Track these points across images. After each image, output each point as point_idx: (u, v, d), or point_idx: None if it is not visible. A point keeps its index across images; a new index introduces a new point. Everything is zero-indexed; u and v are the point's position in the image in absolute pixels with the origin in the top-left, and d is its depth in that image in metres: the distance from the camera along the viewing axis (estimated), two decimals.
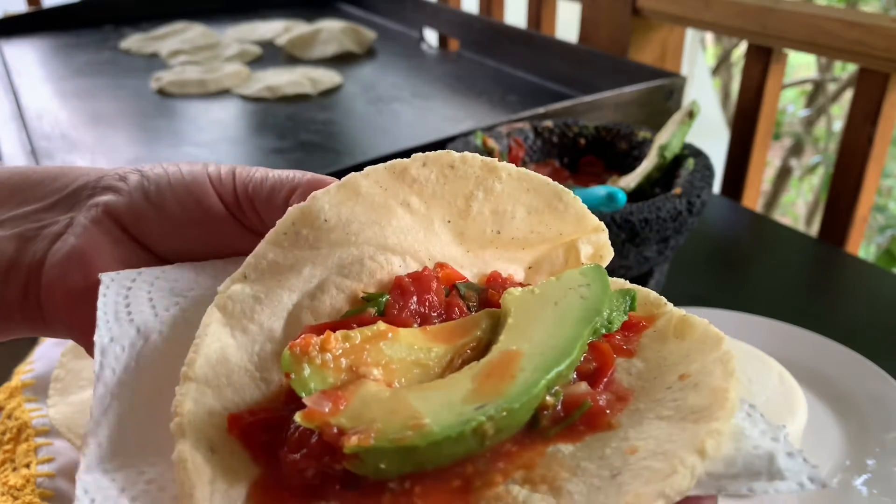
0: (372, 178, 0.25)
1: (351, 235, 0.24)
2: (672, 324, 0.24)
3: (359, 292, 0.24)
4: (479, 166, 0.26)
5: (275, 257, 0.24)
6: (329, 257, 0.24)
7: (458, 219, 0.26)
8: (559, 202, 0.27)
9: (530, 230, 0.27)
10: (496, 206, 0.26)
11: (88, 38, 1.30)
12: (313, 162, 0.77)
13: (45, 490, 0.41)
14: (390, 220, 0.25)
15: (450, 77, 1.08)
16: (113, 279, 0.25)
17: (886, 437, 0.45)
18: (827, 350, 0.52)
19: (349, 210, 0.24)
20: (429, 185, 0.25)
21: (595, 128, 0.65)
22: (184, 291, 0.25)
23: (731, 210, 0.81)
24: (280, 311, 0.24)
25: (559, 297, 0.24)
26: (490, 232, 0.26)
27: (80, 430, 0.37)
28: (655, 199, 0.51)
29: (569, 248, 0.27)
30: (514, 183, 0.26)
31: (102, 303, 0.24)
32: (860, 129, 0.72)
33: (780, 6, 0.76)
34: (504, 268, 0.27)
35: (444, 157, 0.25)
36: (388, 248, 0.25)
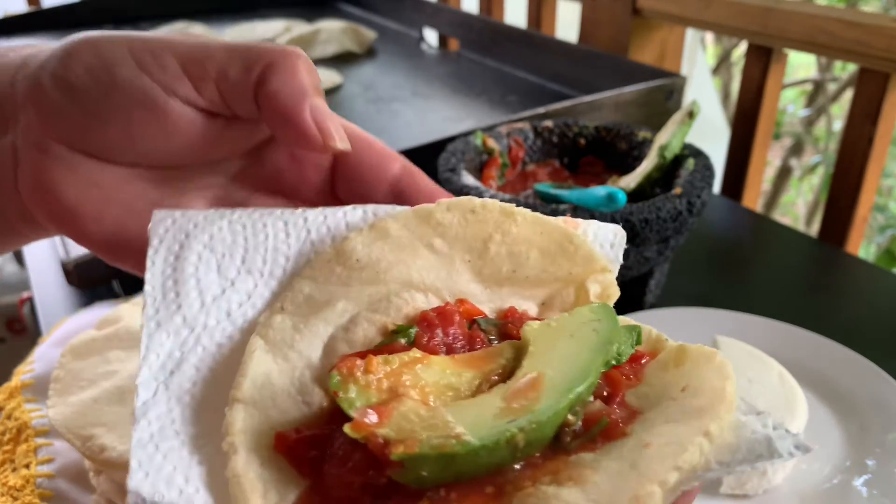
0: (401, 221, 0.27)
1: (380, 273, 0.27)
2: (672, 354, 0.26)
3: (388, 325, 0.26)
4: (497, 211, 0.28)
5: (310, 292, 0.26)
6: (360, 294, 0.26)
7: (477, 259, 0.28)
8: (570, 244, 0.29)
9: (543, 270, 0.29)
10: (512, 248, 0.28)
11: None
12: None
13: (45, 490, 0.41)
14: (415, 259, 0.27)
15: (450, 77, 1.08)
16: (167, 230, 0.26)
17: (886, 438, 0.45)
18: (827, 350, 0.52)
19: (379, 250, 0.27)
20: (451, 228, 0.28)
21: (595, 128, 0.65)
22: (230, 274, 0.26)
23: (731, 210, 0.81)
24: (317, 341, 0.25)
25: (574, 329, 0.26)
26: (506, 271, 0.28)
27: (80, 430, 0.37)
28: (655, 199, 0.51)
29: (578, 287, 0.30)
30: (528, 226, 0.28)
31: (150, 269, 0.25)
32: (860, 129, 0.72)
33: (780, 6, 0.76)
34: (519, 304, 0.29)
35: (465, 203, 0.28)
36: (412, 285, 0.27)
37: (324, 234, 0.27)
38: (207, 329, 0.25)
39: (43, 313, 0.60)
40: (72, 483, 0.42)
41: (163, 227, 0.26)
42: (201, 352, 0.25)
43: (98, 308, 0.56)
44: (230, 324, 0.26)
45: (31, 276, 0.66)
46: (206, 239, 0.26)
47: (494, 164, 0.62)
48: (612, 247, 0.31)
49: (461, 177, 0.56)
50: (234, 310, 0.26)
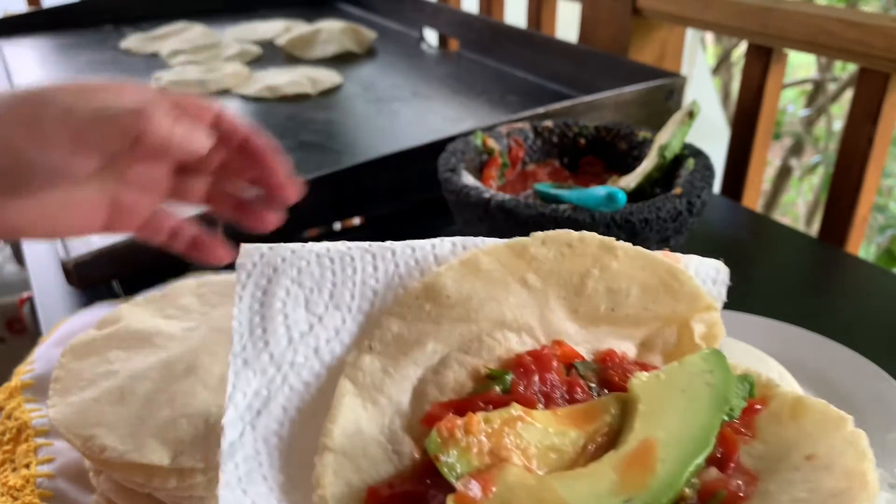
0: (493, 256, 0.26)
1: (471, 312, 0.25)
2: (787, 405, 0.24)
3: (480, 368, 0.25)
4: (596, 245, 0.27)
5: (399, 330, 0.25)
6: (451, 333, 0.25)
7: (574, 296, 0.27)
8: (674, 281, 0.27)
9: (644, 308, 0.27)
10: (611, 284, 0.27)
11: (88, 38, 1.30)
12: (313, 162, 0.77)
13: (45, 490, 0.41)
14: (507, 296, 0.26)
15: (450, 77, 1.08)
16: (255, 264, 0.25)
17: (886, 438, 0.45)
18: (827, 350, 0.52)
19: (470, 286, 0.26)
20: (546, 263, 0.26)
21: (595, 128, 0.65)
22: (318, 309, 0.26)
23: (731, 210, 0.81)
24: (406, 385, 0.25)
25: (685, 383, 0.24)
26: (604, 309, 0.27)
27: (81, 430, 0.37)
28: (655, 199, 0.51)
29: (682, 326, 0.28)
30: (629, 261, 0.27)
31: (238, 305, 0.25)
32: (860, 129, 0.72)
33: (780, 6, 0.76)
34: (616, 344, 0.27)
35: (563, 236, 0.27)
36: (505, 324, 0.26)
37: (412, 268, 0.27)
38: (295, 367, 0.25)
39: (43, 313, 0.60)
40: (72, 483, 0.42)
41: (250, 261, 0.25)
42: (288, 391, 0.24)
43: (98, 308, 0.56)
44: (318, 361, 0.25)
45: (31, 276, 0.66)
46: (294, 273, 0.25)
47: (494, 164, 0.62)
48: (714, 283, 0.29)
49: (461, 177, 0.56)
50: (322, 346, 0.25)
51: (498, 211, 0.51)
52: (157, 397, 0.38)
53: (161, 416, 0.37)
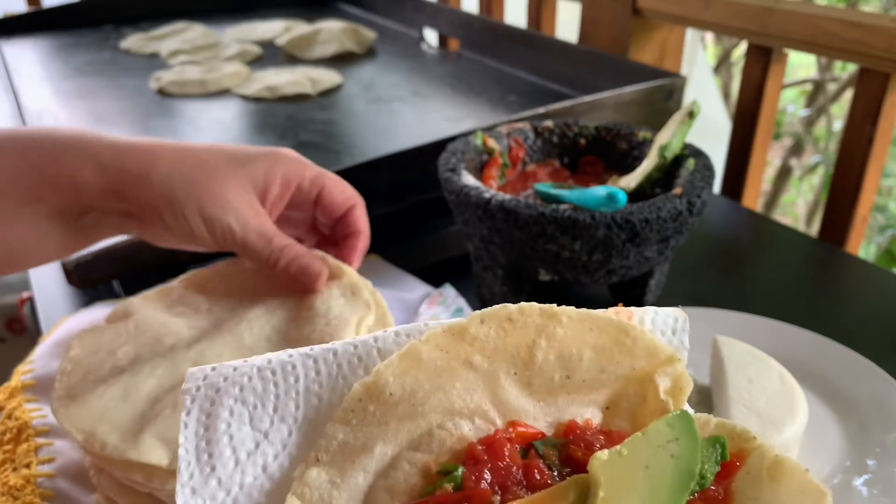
0: (432, 343, 0.25)
1: (417, 406, 0.24)
2: (765, 465, 0.23)
3: (431, 465, 0.24)
4: (537, 315, 0.26)
5: (345, 437, 0.24)
6: (398, 432, 0.24)
7: (524, 369, 0.26)
8: (626, 337, 0.26)
9: (601, 370, 0.26)
10: (561, 351, 0.26)
11: (88, 38, 1.30)
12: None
13: (46, 490, 0.41)
14: (454, 382, 0.25)
15: (450, 77, 1.08)
16: (199, 388, 0.25)
17: (886, 438, 0.45)
18: (827, 350, 0.52)
19: (412, 379, 0.24)
20: (489, 341, 0.25)
21: (595, 128, 0.65)
22: (263, 425, 0.25)
23: (731, 210, 0.81)
24: (356, 494, 0.24)
25: (648, 458, 0.23)
26: (559, 378, 0.26)
27: (83, 425, 0.37)
28: (655, 199, 0.51)
29: (644, 383, 0.27)
30: (575, 325, 0.26)
31: (184, 432, 0.24)
32: (860, 129, 0.72)
33: (780, 6, 0.76)
34: (580, 412, 0.26)
35: (500, 311, 0.26)
36: (455, 412, 0.25)
37: (356, 366, 0.26)
38: (244, 488, 0.24)
39: (43, 313, 0.60)
40: (72, 483, 0.42)
41: (194, 385, 0.25)
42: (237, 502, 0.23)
43: (98, 308, 0.56)
44: (267, 479, 0.24)
45: (31, 276, 0.66)
46: (236, 392, 0.25)
47: (494, 164, 0.62)
48: (674, 333, 0.28)
49: (461, 177, 0.56)
50: (270, 463, 0.24)
51: (498, 211, 0.51)
52: (159, 396, 0.38)
53: (163, 415, 0.37)
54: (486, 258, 0.58)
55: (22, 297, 1.00)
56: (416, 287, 0.60)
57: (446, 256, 0.70)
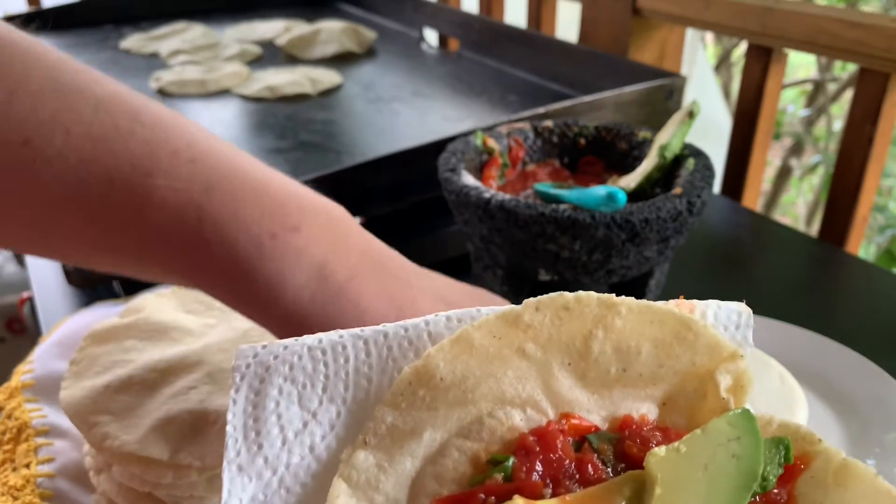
0: (485, 329, 0.24)
1: (468, 392, 0.24)
2: (831, 469, 0.22)
3: (481, 454, 0.23)
4: (595, 304, 0.25)
5: (394, 421, 0.24)
6: (448, 418, 0.24)
7: (579, 360, 0.25)
8: (688, 332, 0.25)
9: (659, 364, 0.25)
10: (619, 343, 0.25)
11: (88, 38, 1.30)
12: (313, 162, 0.77)
13: (45, 490, 0.41)
14: (506, 370, 0.24)
15: (450, 77, 1.08)
16: (248, 365, 0.24)
17: (886, 438, 0.45)
18: (827, 350, 0.52)
19: (464, 365, 0.24)
20: (544, 330, 0.24)
21: (595, 128, 0.65)
22: (312, 405, 0.25)
23: (731, 210, 0.81)
24: (404, 479, 0.23)
25: (708, 457, 0.22)
26: (615, 371, 0.25)
27: (88, 416, 0.37)
28: (655, 199, 0.51)
29: (705, 379, 0.26)
30: (635, 317, 0.25)
31: (232, 409, 0.24)
32: (860, 129, 0.72)
33: (780, 6, 0.76)
34: (635, 407, 0.25)
35: (557, 299, 0.25)
36: (506, 401, 0.24)
37: (406, 349, 0.25)
38: (291, 468, 0.24)
39: (43, 313, 0.60)
40: (72, 483, 0.42)
41: (244, 362, 0.24)
42: (285, 494, 0.23)
43: (98, 308, 0.56)
44: (314, 460, 0.24)
45: (31, 276, 0.66)
46: (286, 370, 0.24)
47: (494, 164, 0.62)
48: (737, 328, 0.27)
49: (461, 177, 0.56)
50: (318, 443, 0.24)
51: (498, 211, 0.51)
52: (164, 391, 0.38)
53: (165, 409, 0.37)
54: (486, 258, 0.58)
55: (22, 297, 1.00)
56: None
57: (446, 256, 0.70)
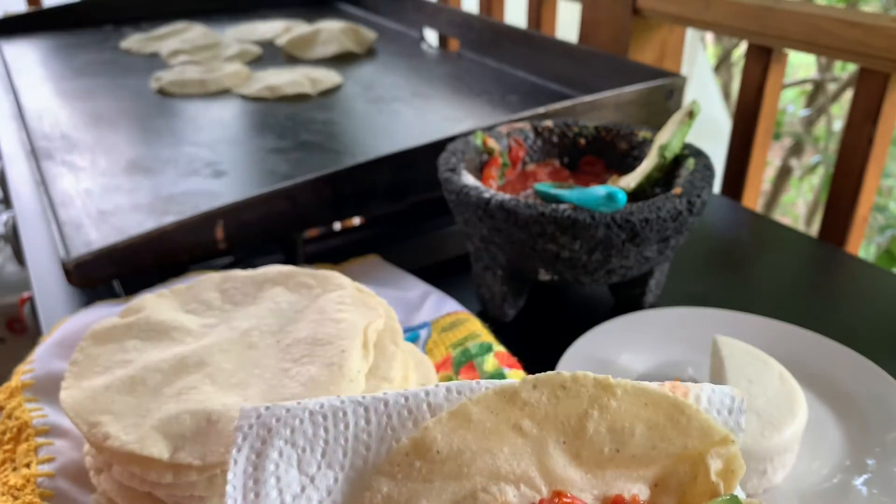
0: (483, 405, 0.25)
1: (463, 466, 0.24)
2: None
3: None
4: (591, 385, 0.26)
5: (389, 491, 0.24)
6: (443, 491, 0.24)
7: (574, 439, 0.26)
8: (681, 415, 0.26)
9: (652, 446, 0.26)
10: (613, 424, 0.26)
11: (88, 38, 1.30)
12: (313, 162, 0.77)
13: (46, 490, 0.41)
14: (502, 446, 0.25)
15: (450, 77, 1.08)
16: (251, 426, 0.25)
17: (886, 437, 0.45)
18: (827, 350, 0.52)
19: (461, 439, 0.25)
20: (540, 408, 0.25)
21: (595, 128, 0.65)
22: (310, 470, 0.25)
23: (731, 210, 0.81)
24: None
25: None
26: (609, 451, 0.26)
27: (88, 416, 0.37)
28: (655, 199, 0.51)
29: (696, 462, 0.26)
30: (629, 399, 0.26)
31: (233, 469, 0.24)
32: (860, 129, 0.72)
33: (780, 6, 0.76)
34: (627, 487, 0.26)
35: (554, 378, 0.26)
36: (500, 476, 0.25)
37: (405, 418, 0.26)
38: None
39: (43, 313, 0.60)
40: (72, 483, 0.42)
41: (247, 423, 0.25)
42: None
43: (98, 308, 0.56)
44: None
45: (31, 276, 0.66)
46: (287, 434, 0.25)
47: (494, 164, 0.62)
48: (730, 413, 0.28)
49: (461, 177, 0.56)
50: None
51: (498, 211, 0.51)
52: (164, 390, 0.38)
53: (166, 409, 0.37)
54: (486, 258, 0.58)
55: (22, 297, 1.00)
56: (416, 287, 0.60)
57: (446, 256, 0.70)
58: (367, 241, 0.73)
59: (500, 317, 0.60)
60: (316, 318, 0.43)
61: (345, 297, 0.44)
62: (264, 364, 0.40)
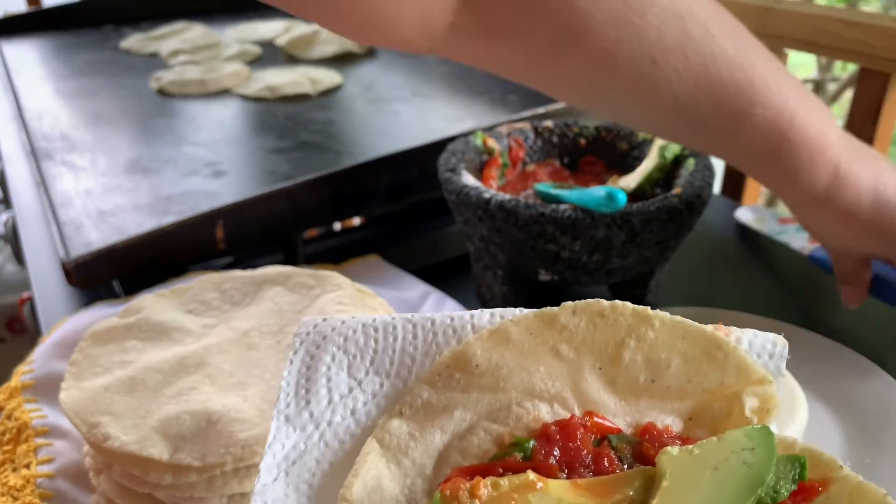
0: (522, 325, 0.26)
1: (500, 381, 0.26)
2: (847, 492, 0.24)
3: (505, 436, 0.25)
4: (630, 314, 0.26)
5: (429, 397, 0.26)
6: (479, 402, 0.26)
7: (610, 366, 0.26)
8: (718, 351, 0.26)
9: (687, 380, 0.26)
10: (649, 355, 0.26)
11: (88, 38, 1.30)
12: (313, 162, 0.77)
13: (45, 490, 0.41)
14: (538, 366, 0.26)
15: (450, 77, 1.08)
16: (308, 333, 0.27)
17: (886, 437, 0.45)
18: (827, 350, 0.52)
19: (499, 355, 0.26)
20: (578, 333, 0.26)
21: (595, 128, 0.65)
22: (359, 374, 0.27)
23: (731, 210, 0.81)
24: (431, 450, 0.25)
25: (720, 460, 0.23)
26: (644, 380, 0.26)
27: (88, 416, 0.37)
28: (655, 199, 0.51)
29: (732, 400, 0.27)
30: (667, 331, 0.26)
31: (288, 368, 0.27)
32: (860, 129, 0.72)
33: (780, 6, 0.76)
34: (660, 418, 0.26)
35: (593, 305, 0.26)
36: (535, 394, 0.26)
37: (450, 336, 0.27)
38: (332, 425, 0.26)
39: (43, 313, 0.60)
40: (72, 483, 0.42)
41: (305, 330, 0.27)
42: (323, 447, 0.26)
43: (98, 308, 0.56)
44: (353, 421, 0.26)
45: (31, 276, 0.66)
46: (340, 341, 0.27)
47: (494, 164, 0.62)
48: (770, 357, 0.28)
49: (461, 177, 0.56)
50: (359, 408, 0.27)
51: (498, 211, 0.51)
52: (164, 391, 0.38)
53: (166, 410, 0.37)
54: (486, 258, 0.58)
55: (22, 297, 1.00)
56: (416, 287, 0.60)
57: (446, 256, 0.70)
58: (367, 241, 0.73)
59: None
60: None
61: (344, 298, 0.44)
62: (264, 364, 0.40)
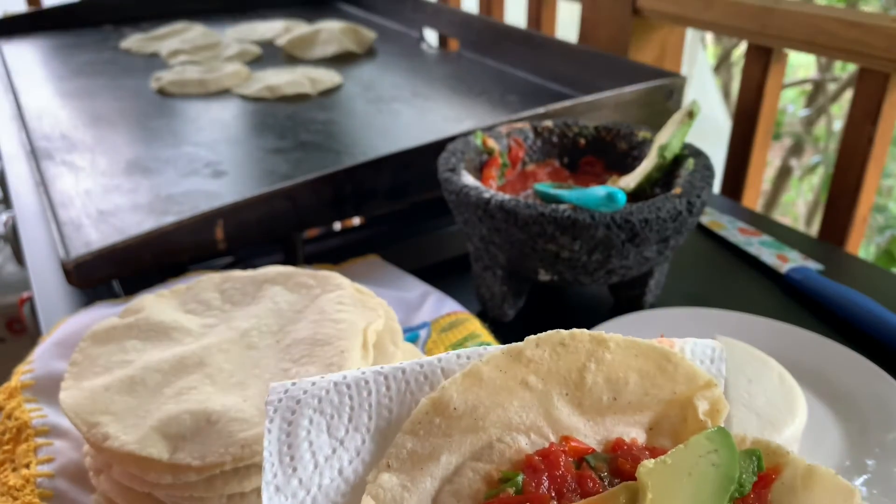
0: (492, 364, 0.28)
1: (478, 420, 0.27)
2: (798, 475, 0.26)
3: (493, 473, 0.27)
4: (587, 340, 0.28)
5: (413, 446, 0.27)
6: (462, 444, 0.27)
7: (575, 390, 0.28)
8: (668, 363, 0.29)
9: (644, 393, 0.29)
10: (609, 375, 0.28)
11: (88, 38, 1.30)
12: (313, 162, 0.77)
13: (45, 490, 0.41)
14: (512, 400, 0.28)
15: (450, 77, 1.08)
16: (280, 399, 0.28)
17: (886, 438, 0.45)
18: (827, 350, 0.52)
19: (475, 396, 0.27)
20: (543, 364, 0.28)
21: (595, 128, 0.65)
22: (339, 434, 0.28)
23: (731, 210, 0.81)
24: (425, 497, 0.26)
25: (691, 466, 0.25)
26: (607, 399, 0.28)
27: (88, 416, 0.37)
28: (655, 199, 0.51)
29: (685, 406, 0.29)
30: (622, 351, 0.28)
31: (267, 437, 0.27)
32: (860, 129, 0.72)
33: (780, 6, 0.76)
34: (626, 432, 0.29)
35: (553, 336, 0.28)
36: (512, 427, 0.27)
37: (422, 383, 0.28)
38: (322, 488, 0.27)
39: (43, 313, 0.60)
40: (72, 483, 0.42)
41: (277, 397, 0.28)
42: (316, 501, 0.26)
43: (98, 308, 0.56)
44: (343, 481, 0.27)
45: (31, 276, 0.66)
46: (315, 403, 0.28)
47: (494, 164, 0.62)
48: (711, 361, 0.31)
49: (461, 177, 0.56)
50: (346, 467, 0.27)
51: (498, 211, 0.51)
52: (164, 391, 0.38)
53: (165, 409, 0.37)
54: (486, 258, 0.58)
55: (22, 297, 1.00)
56: (416, 287, 0.60)
57: (446, 256, 0.70)
58: (367, 241, 0.73)
59: (499, 317, 0.60)
60: (315, 319, 0.43)
61: (344, 298, 0.44)
62: (264, 364, 0.40)
